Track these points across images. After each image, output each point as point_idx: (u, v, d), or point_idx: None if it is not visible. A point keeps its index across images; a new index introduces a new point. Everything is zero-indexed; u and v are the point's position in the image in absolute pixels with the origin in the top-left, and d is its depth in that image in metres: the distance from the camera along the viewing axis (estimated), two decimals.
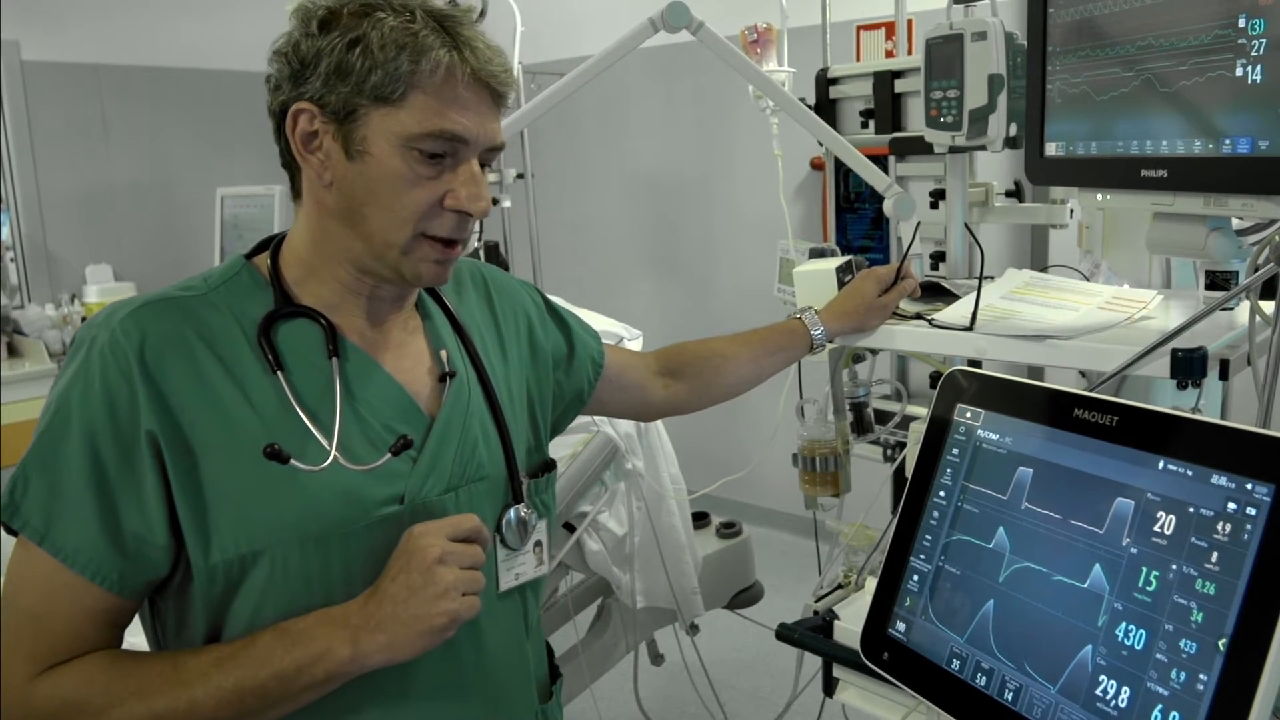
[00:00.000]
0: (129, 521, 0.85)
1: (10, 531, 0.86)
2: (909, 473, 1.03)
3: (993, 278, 1.52)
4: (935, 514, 0.97)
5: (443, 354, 1.02)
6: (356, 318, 0.97)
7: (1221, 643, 0.70)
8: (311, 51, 0.88)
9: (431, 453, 0.97)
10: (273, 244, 0.98)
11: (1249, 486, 0.71)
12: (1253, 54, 0.94)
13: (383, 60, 0.86)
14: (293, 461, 0.87)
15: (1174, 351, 1.09)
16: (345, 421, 0.92)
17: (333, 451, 0.90)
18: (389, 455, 0.93)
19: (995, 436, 0.94)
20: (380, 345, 0.98)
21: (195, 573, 0.87)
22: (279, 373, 0.90)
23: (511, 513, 1.03)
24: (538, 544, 1.05)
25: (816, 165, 3.66)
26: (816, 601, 1.33)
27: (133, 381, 0.85)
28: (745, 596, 2.25)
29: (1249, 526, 0.71)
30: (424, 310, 1.05)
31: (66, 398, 0.85)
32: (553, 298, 1.26)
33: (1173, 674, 0.72)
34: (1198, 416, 0.80)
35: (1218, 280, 1.29)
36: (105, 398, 0.84)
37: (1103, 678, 0.77)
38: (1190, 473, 0.76)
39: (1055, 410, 0.89)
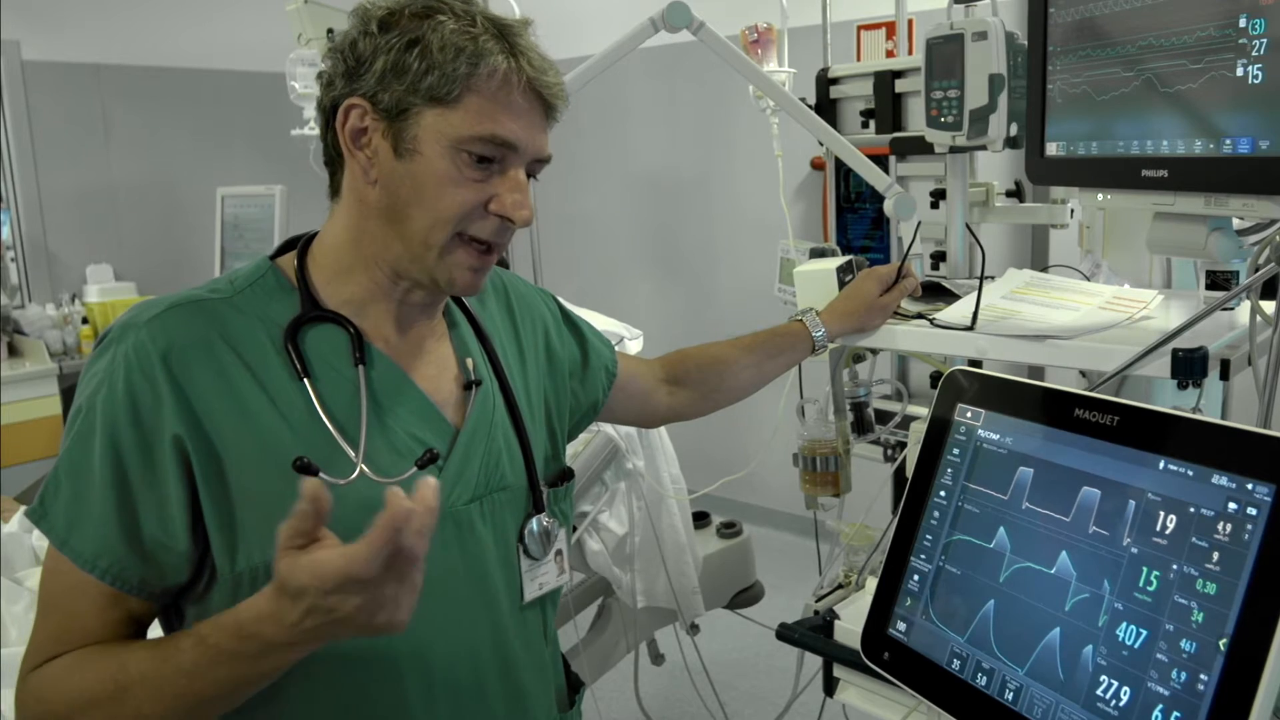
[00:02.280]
0: (149, 527, 0.84)
1: None
2: (909, 473, 1.03)
3: (993, 278, 1.52)
4: (936, 514, 0.97)
5: (468, 362, 1.02)
6: (384, 322, 0.96)
7: (1222, 642, 0.70)
8: (369, 50, 0.88)
9: (458, 463, 0.96)
10: (300, 244, 0.98)
11: (1249, 486, 0.71)
12: (1253, 54, 0.94)
13: (441, 61, 0.86)
14: (321, 475, 0.87)
15: (1174, 351, 1.09)
16: (370, 431, 0.91)
17: (359, 465, 0.89)
18: (415, 469, 0.92)
19: (996, 436, 0.94)
20: (406, 352, 0.98)
21: (220, 579, 0.87)
22: (305, 380, 0.90)
23: (534, 523, 1.02)
24: (558, 553, 1.05)
25: (817, 165, 3.66)
26: (817, 601, 1.33)
27: (157, 385, 0.84)
28: (745, 596, 2.25)
29: (1249, 526, 0.71)
30: (450, 317, 1.05)
31: (92, 402, 0.85)
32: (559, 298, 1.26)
33: (1173, 674, 0.72)
34: (1198, 416, 0.80)
35: (1218, 280, 1.29)
36: (128, 401, 0.84)
37: (1103, 677, 0.77)
38: (1191, 473, 0.76)
39: (1056, 410, 0.89)
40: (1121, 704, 0.75)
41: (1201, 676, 0.70)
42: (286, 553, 0.73)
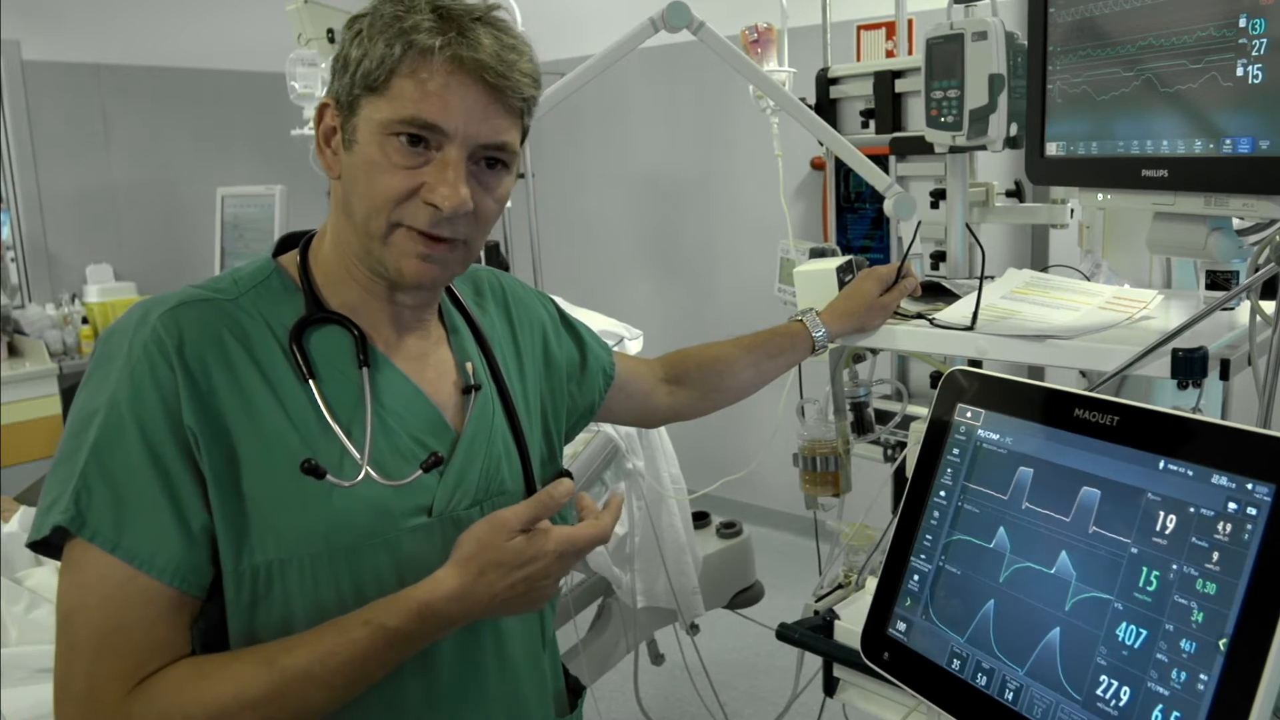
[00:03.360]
0: (195, 516, 0.84)
1: (46, 551, 0.84)
2: (909, 473, 1.03)
3: (993, 277, 1.52)
4: (936, 514, 0.97)
5: (468, 366, 1.02)
6: (382, 324, 0.96)
7: (1222, 642, 0.70)
8: (340, 54, 0.91)
9: (459, 467, 0.96)
10: (301, 243, 0.98)
11: (1249, 486, 0.71)
12: (1253, 54, 0.94)
13: (370, 48, 0.87)
14: (328, 477, 0.87)
15: (1174, 351, 1.09)
16: (374, 433, 0.91)
17: (365, 466, 0.89)
18: (420, 472, 0.92)
19: (996, 436, 0.94)
20: (406, 355, 0.98)
21: (225, 576, 0.86)
22: (311, 382, 0.89)
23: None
24: None
25: (817, 165, 3.66)
26: (817, 601, 1.33)
27: (175, 377, 0.84)
28: (745, 596, 2.26)
29: (1249, 526, 0.71)
30: (450, 322, 1.05)
31: (115, 401, 0.83)
32: (558, 299, 1.26)
33: (1173, 674, 0.72)
34: (1198, 416, 0.80)
35: (1218, 280, 1.29)
36: (157, 394, 0.83)
37: (1103, 677, 0.77)
38: (1191, 473, 0.76)
39: (1056, 410, 0.89)
40: (1121, 704, 0.75)
41: (1201, 676, 0.70)
42: (519, 535, 0.86)
